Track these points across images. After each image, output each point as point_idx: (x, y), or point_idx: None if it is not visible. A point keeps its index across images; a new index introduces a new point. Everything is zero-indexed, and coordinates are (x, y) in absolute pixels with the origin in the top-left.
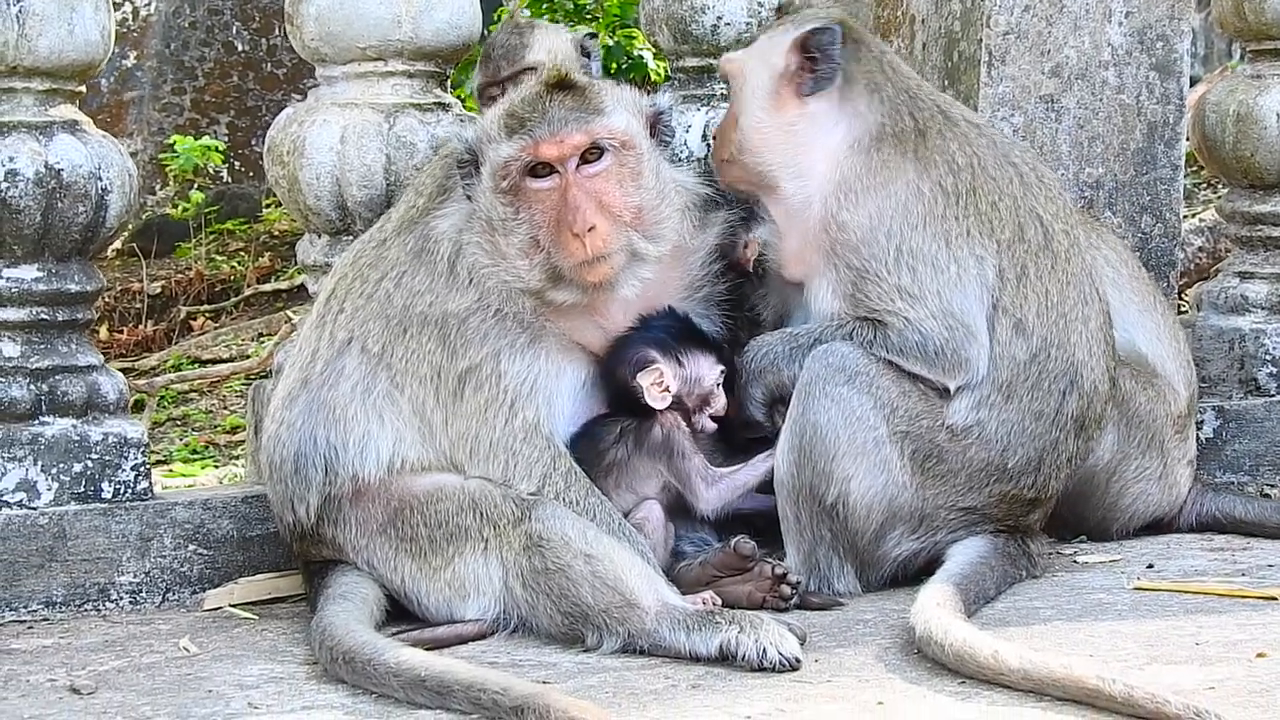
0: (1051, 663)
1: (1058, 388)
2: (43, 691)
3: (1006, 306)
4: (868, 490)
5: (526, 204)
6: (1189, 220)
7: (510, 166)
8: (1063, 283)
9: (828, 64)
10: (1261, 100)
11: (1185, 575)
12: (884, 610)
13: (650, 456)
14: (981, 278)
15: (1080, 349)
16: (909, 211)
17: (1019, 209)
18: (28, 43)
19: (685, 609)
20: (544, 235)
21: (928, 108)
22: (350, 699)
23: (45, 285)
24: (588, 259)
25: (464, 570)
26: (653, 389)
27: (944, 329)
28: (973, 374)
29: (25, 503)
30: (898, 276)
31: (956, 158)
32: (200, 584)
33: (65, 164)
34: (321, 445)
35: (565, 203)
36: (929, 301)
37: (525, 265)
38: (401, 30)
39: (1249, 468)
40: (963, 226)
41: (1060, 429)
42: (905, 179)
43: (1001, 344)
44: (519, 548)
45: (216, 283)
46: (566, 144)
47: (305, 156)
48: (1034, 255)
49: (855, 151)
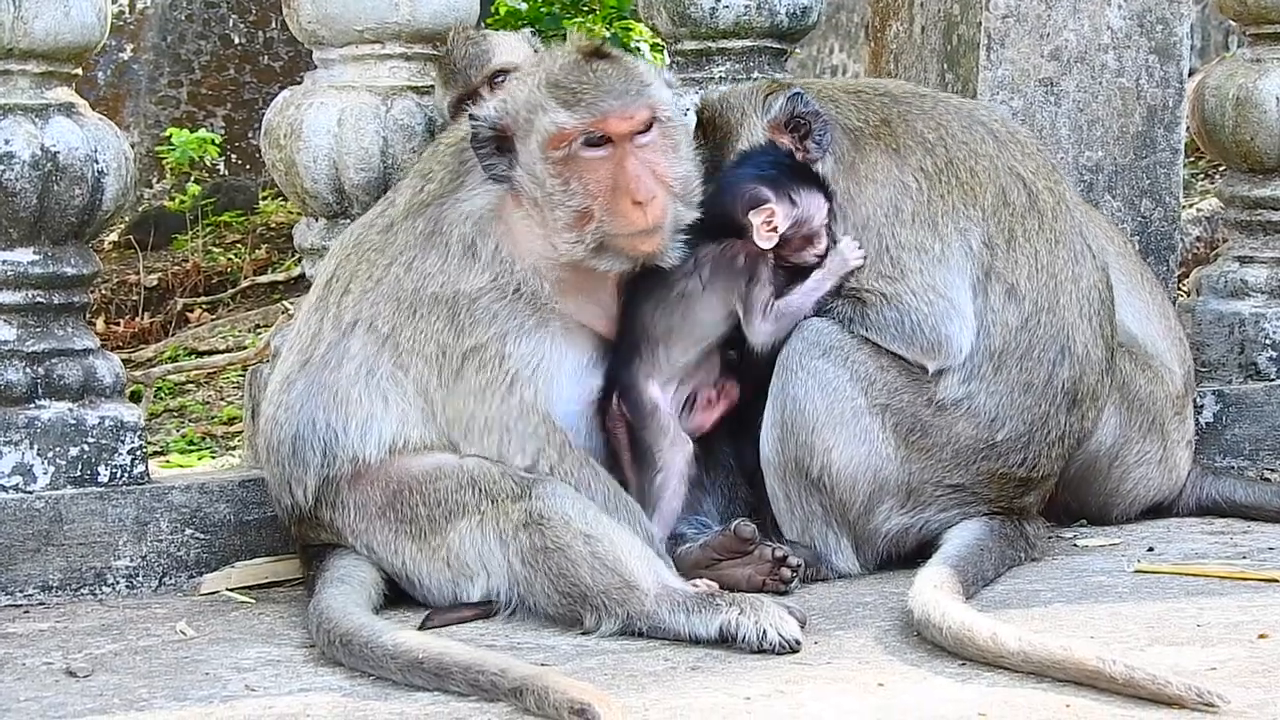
0: (1051, 644)
1: (1048, 356)
2: (39, 675)
3: (1000, 272)
4: (850, 460)
5: (579, 174)
6: (1187, 210)
7: (569, 136)
8: (1051, 241)
9: (820, 125)
10: (1261, 84)
11: (1186, 558)
12: (884, 593)
13: (727, 280)
14: (966, 249)
15: (1070, 310)
16: (899, 210)
17: (997, 170)
18: (23, 25)
19: (685, 591)
20: (598, 205)
21: (876, 102)
22: (348, 681)
23: (41, 268)
24: (647, 228)
25: (464, 548)
26: (762, 228)
27: (923, 304)
28: (953, 354)
29: (21, 486)
30: (883, 262)
31: (926, 135)
32: (197, 568)
33: (61, 146)
34: (320, 428)
35: (625, 172)
36: (910, 278)
37: (572, 237)
38: (399, 12)
39: (1249, 452)
40: (948, 203)
41: (1050, 402)
42: (887, 173)
43: (995, 311)
44: (519, 523)
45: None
46: (636, 118)
47: (302, 139)
48: (1019, 217)
49: (837, 174)
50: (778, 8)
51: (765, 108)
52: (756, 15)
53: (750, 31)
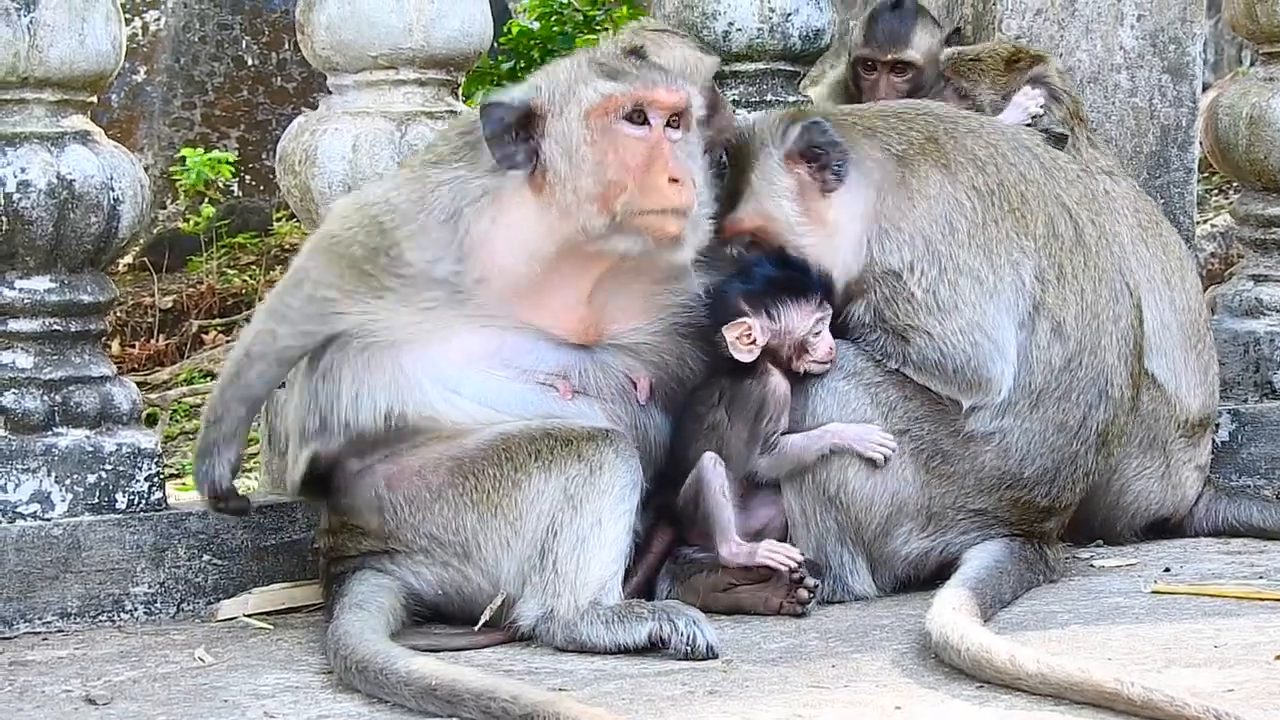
0: (1069, 666)
1: (1086, 399)
2: (58, 702)
3: (1050, 308)
4: (866, 480)
5: (615, 148)
6: (1201, 226)
7: (616, 104)
8: (1095, 279)
9: (836, 153)
10: (1274, 102)
11: (1202, 578)
12: (900, 615)
13: (743, 410)
14: (1018, 283)
15: (1111, 352)
16: (954, 228)
17: (1045, 198)
18: (39, 53)
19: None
20: (632, 178)
21: (920, 120)
22: (366, 708)
23: (58, 296)
24: (679, 206)
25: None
26: (737, 342)
27: (969, 345)
28: (993, 394)
29: (39, 514)
30: (934, 293)
31: (977, 152)
32: (215, 594)
33: (77, 174)
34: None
35: (662, 150)
36: (960, 315)
37: (596, 209)
38: (413, 38)
39: (1265, 470)
40: (1001, 230)
41: (1082, 442)
42: (938, 186)
43: (1040, 348)
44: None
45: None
46: (679, 95)
47: (317, 165)
48: (1068, 252)
49: (880, 191)
50: (790, 30)
51: (783, 138)
52: (769, 38)
53: (763, 54)
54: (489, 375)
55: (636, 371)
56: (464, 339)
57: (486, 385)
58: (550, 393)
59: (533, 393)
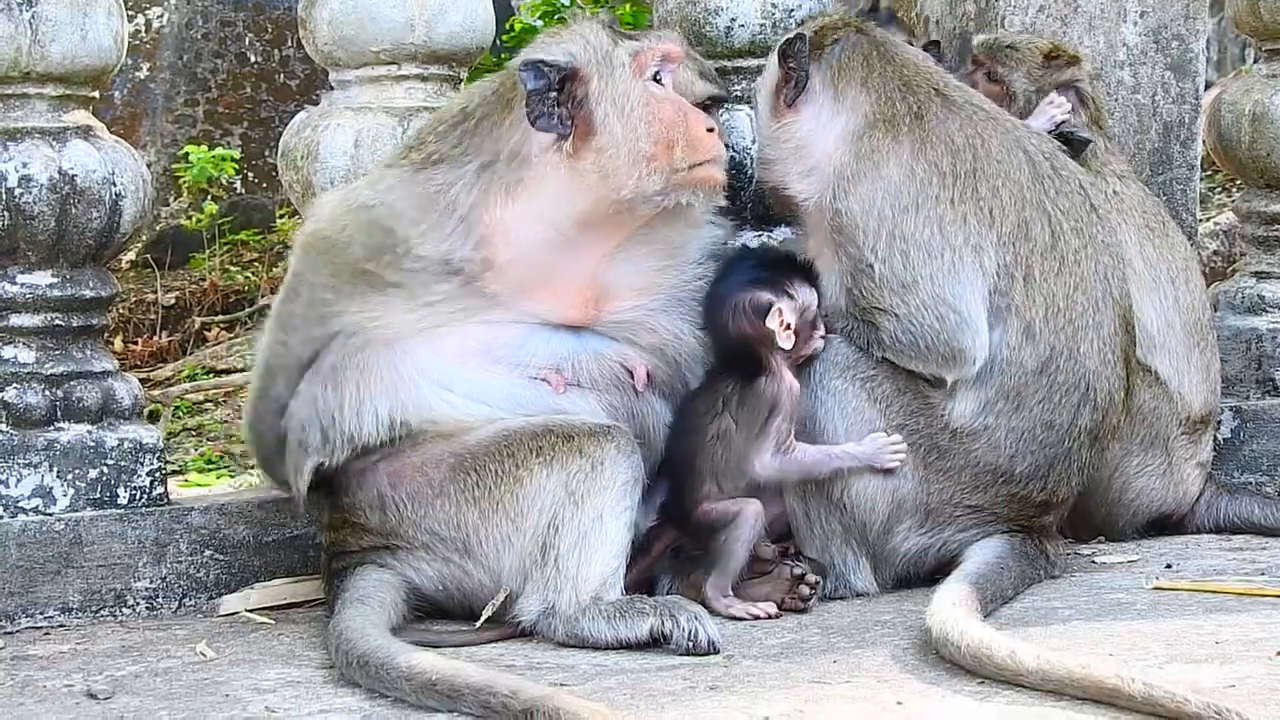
0: (1069, 662)
1: (1070, 401)
2: (60, 697)
3: (1018, 307)
4: (869, 482)
5: (659, 106)
6: (1204, 224)
7: (653, 52)
8: (1070, 286)
9: (800, 70)
10: (1277, 100)
11: (1204, 575)
12: (902, 610)
13: (752, 411)
14: (979, 267)
15: (1092, 358)
16: (900, 193)
17: (1024, 200)
18: (40, 48)
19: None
20: (680, 132)
21: (924, 92)
22: (367, 703)
23: (60, 291)
24: (721, 155)
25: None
26: (781, 331)
27: (934, 319)
28: (967, 365)
29: (41, 509)
30: (889, 265)
31: (955, 138)
32: (217, 589)
33: (79, 169)
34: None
35: (686, 105)
36: (920, 290)
37: (654, 167)
38: (415, 34)
39: (1266, 467)
40: (958, 211)
41: (1074, 440)
42: (898, 159)
43: (1011, 348)
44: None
45: (231, 293)
46: (680, 45)
47: (319, 161)
48: (1039, 256)
49: (848, 141)
50: (792, 27)
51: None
52: (771, 34)
53: (765, 50)
54: (480, 372)
55: (632, 359)
56: (459, 336)
57: (479, 382)
58: (542, 387)
59: (525, 388)
